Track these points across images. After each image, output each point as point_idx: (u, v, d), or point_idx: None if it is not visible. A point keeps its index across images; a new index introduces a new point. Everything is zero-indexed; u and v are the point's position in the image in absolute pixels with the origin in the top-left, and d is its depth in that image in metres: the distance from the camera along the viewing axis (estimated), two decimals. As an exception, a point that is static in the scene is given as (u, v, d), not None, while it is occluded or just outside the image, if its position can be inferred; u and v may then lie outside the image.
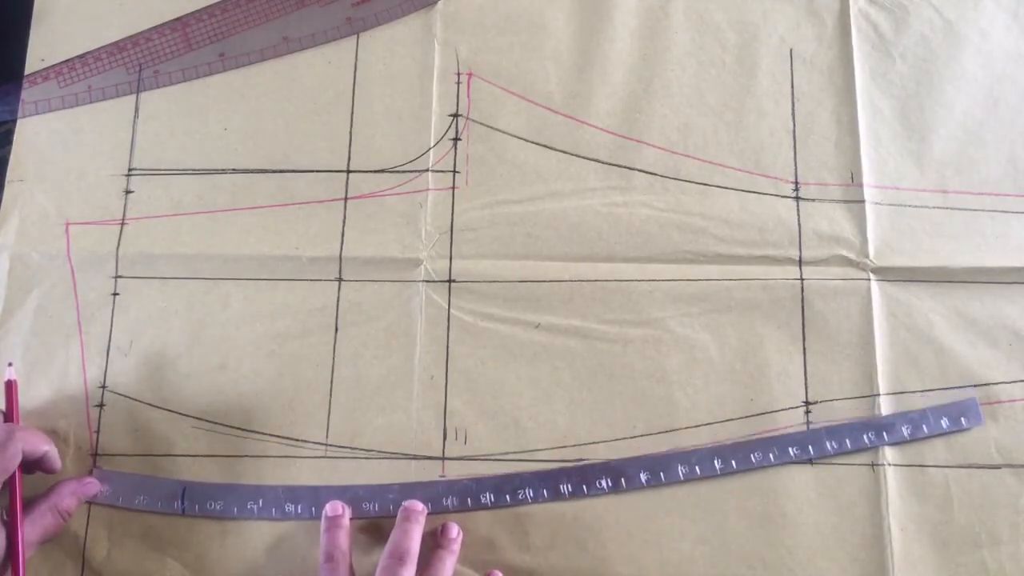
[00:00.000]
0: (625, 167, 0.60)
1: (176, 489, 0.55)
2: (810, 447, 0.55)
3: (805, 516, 0.55)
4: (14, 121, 0.61)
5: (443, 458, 0.56)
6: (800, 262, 0.59)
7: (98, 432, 0.56)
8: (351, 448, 0.56)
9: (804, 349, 0.58)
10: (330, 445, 0.56)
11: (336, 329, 0.58)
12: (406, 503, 0.54)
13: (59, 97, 0.61)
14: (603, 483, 0.55)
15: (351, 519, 0.54)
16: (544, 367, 0.57)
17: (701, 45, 0.62)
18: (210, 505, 0.55)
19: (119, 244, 0.58)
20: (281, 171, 0.60)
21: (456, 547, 0.53)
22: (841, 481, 0.56)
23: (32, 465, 0.53)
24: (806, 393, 0.57)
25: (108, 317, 0.58)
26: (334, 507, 0.54)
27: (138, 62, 0.62)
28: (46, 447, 0.53)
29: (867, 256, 0.58)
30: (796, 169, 0.60)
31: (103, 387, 0.57)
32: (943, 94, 0.61)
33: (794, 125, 0.61)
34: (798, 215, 0.59)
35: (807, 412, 0.57)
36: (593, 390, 0.57)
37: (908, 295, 0.58)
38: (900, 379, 0.57)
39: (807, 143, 0.60)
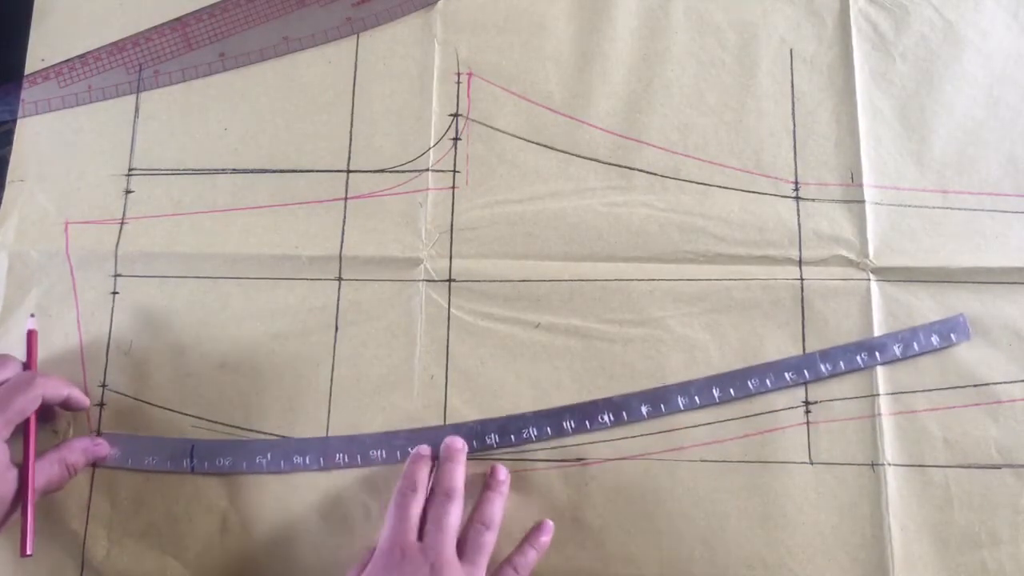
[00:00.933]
0: (625, 167, 0.60)
1: (184, 447, 0.56)
2: (805, 371, 0.56)
3: (805, 516, 0.55)
4: (14, 121, 0.61)
5: (443, 458, 0.56)
6: (800, 262, 0.59)
7: (98, 431, 0.56)
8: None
9: (804, 349, 0.57)
10: (330, 445, 0.56)
11: (336, 328, 0.58)
12: (447, 440, 0.54)
13: (59, 97, 0.61)
14: (605, 418, 0.56)
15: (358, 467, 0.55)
16: (544, 367, 0.57)
17: (701, 45, 0.62)
18: (219, 461, 0.55)
19: (118, 243, 0.58)
20: (281, 171, 0.60)
21: (505, 489, 0.54)
22: (841, 481, 0.55)
23: (59, 407, 0.54)
24: (806, 393, 0.57)
25: (108, 316, 0.58)
26: (423, 447, 0.54)
27: (138, 62, 0.62)
28: (66, 391, 0.54)
29: (867, 256, 0.58)
30: (796, 169, 0.60)
31: (103, 386, 0.57)
32: (943, 94, 0.61)
33: (794, 125, 0.61)
34: (798, 215, 0.59)
35: (807, 412, 0.57)
36: (593, 390, 0.57)
37: (908, 295, 0.58)
38: (900, 379, 0.57)
39: (807, 143, 0.60)
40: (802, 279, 0.58)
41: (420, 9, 0.62)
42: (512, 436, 0.56)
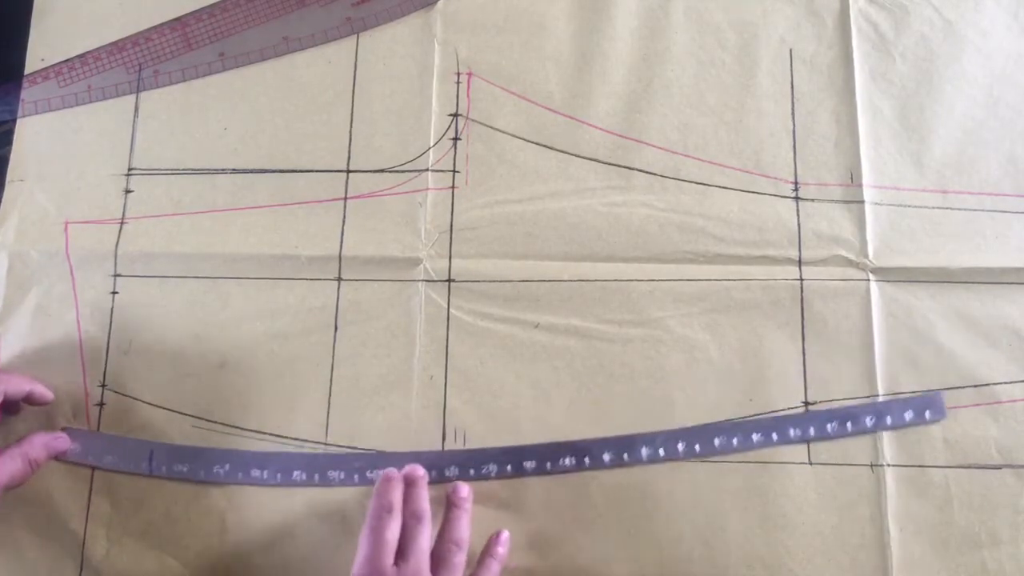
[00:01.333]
0: (625, 167, 0.60)
1: (144, 450, 0.55)
2: (773, 434, 0.56)
3: (805, 516, 0.55)
4: (14, 121, 0.61)
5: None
6: (800, 262, 0.58)
7: (98, 430, 0.56)
8: (350, 447, 0.56)
9: (803, 349, 0.57)
10: (329, 444, 0.56)
11: (335, 328, 0.58)
12: (407, 468, 0.54)
13: (59, 97, 0.61)
14: (567, 461, 0.56)
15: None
16: (543, 367, 0.57)
17: (701, 45, 0.62)
18: (176, 467, 0.55)
19: (118, 243, 0.58)
20: (281, 171, 0.60)
21: (469, 505, 0.53)
22: (841, 481, 0.55)
23: (23, 402, 0.55)
24: (805, 393, 0.57)
25: (107, 316, 0.58)
26: (392, 470, 0.53)
27: (138, 62, 0.62)
28: (28, 387, 0.54)
29: (867, 256, 0.58)
30: (796, 169, 0.60)
31: (103, 386, 0.57)
32: (943, 94, 0.61)
33: (794, 125, 0.61)
34: (798, 215, 0.59)
35: (806, 412, 0.56)
36: (592, 390, 0.57)
37: (908, 295, 0.58)
38: (899, 379, 0.57)
39: (807, 143, 0.60)
40: (802, 279, 0.58)
41: (420, 9, 0.63)
42: (472, 471, 0.55)
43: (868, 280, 0.58)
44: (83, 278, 0.58)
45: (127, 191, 0.60)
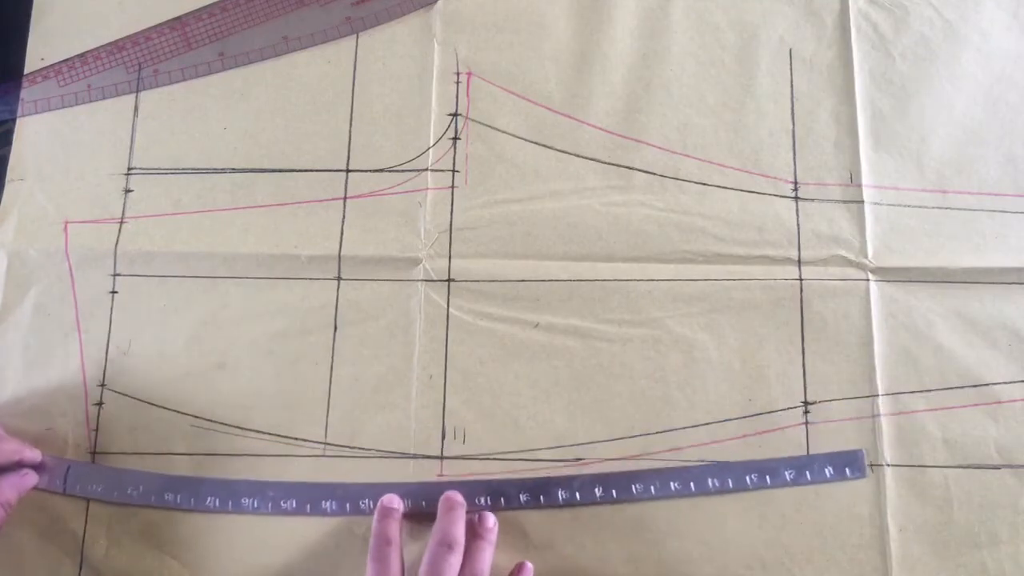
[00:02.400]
0: (624, 167, 0.60)
1: (61, 467, 0.55)
2: (692, 483, 0.55)
3: (804, 516, 0.55)
4: (14, 120, 0.61)
5: (442, 457, 0.56)
6: (799, 262, 0.59)
7: (97, 430, 0.56)
8: (350, 447, 0.56)
9: (803, 349, 0.58)
10: (329, 444, 0.56)
11: (335, 328, 0.58)
12: (447, 493, 0.53)
13: (59, 96, 0.61)
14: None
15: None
16: (543, 366, 0.57)
17: (701, 45, 0.62)
18: (91, 487, 0.55)
19: (117, 242, 0.58)
20: (280, 170, 0.60)
21: (494, 537, 0.53)
22: (840, 481, 0.55)
23: (15, 465, 0.54)
24: (805, 393, 0.57)
25: (107, 315, 0.58)
26: (391, 499, 0.53)
27: (138, 61, 0.62)
28: (18, 455, 0.54)
29: (866, 256, 0.58)
30: (795, 169, 0.60)
31: (102, 385, 0.57)
32: (943, 94, 0.61)
33: (793, 125, 0.61)
34: (797, 215, 0.59)
35: (806, 412, 0.57)
36: (592, 389, 0.57)
37: (907, 295, 0.58)
38: (899, 379, 0.57)
39: (806, 143, 0.60)
40: (801, 279, 0.58)
41: (419, 9, 0.63)
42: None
43: (868, 280, 0.58)
44: (82, 277, 0.58)
45: (127, 191, 0.60)
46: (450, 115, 0.61)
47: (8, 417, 0.56)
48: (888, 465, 0.56)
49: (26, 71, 0.62)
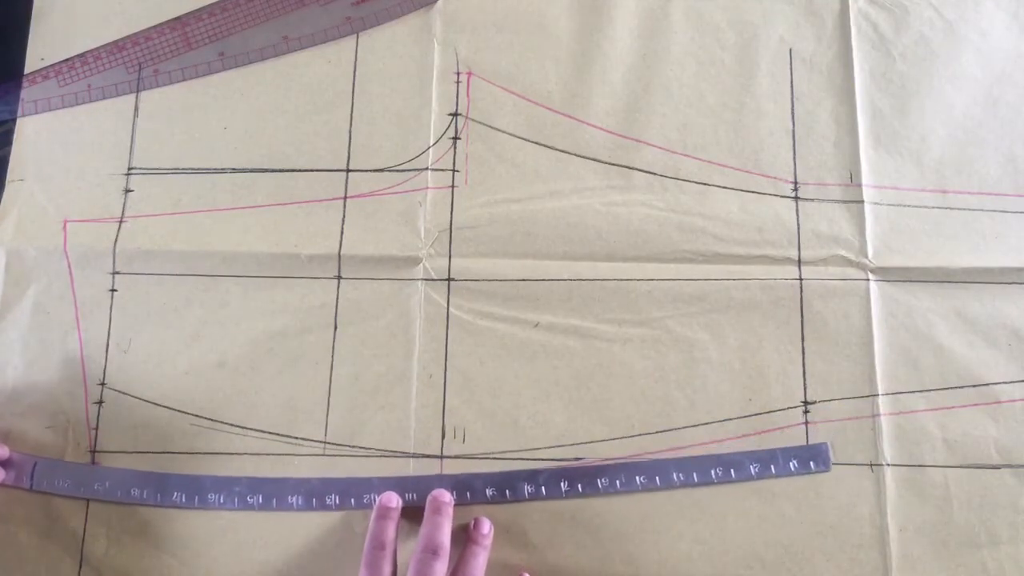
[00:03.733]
0: (624, 166, 0.60)
1: (27, 464, 0.55)
2: (657, 478, 0.55)
3: (804, 516, 0.55)
4: (14, 120, 0.61)
5: (441, 456, 0.56)
6: (799, 262, 0.59)
7: (97, 429, 0.56)
8: (350, 446, 0.56)
9: (803, 349, 0.58)
10: (329, 443, 0.56)
11: (335, 327, 0.58)
12: (434, 493, 0.54)
13: (59, 96, 0.61)
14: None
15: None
16: (543, 366, 0.57)
17: (701, 45, 0.62)
18: (58, 483, 0.55)
19: (116, 240, 0.58)
20: (281, 170, 0.60)
21: (488, 542, 0.53)
22: (840, 481, 0.55)
23: None
24: (805, 393, 0.57)
25: (107, 314, 0.58)
26: (388, 498, 0.53)
27: (138, 61, 0.62)
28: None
29: (866, 256, 0.58)
30: (795, 169, 0.60)
31: (102, 384, 0.57)
32: (943, 94, 0.61)
33: (793, 125, 0.61)
34: (797, 215, 0.59)
35: (806, 412, 0.57)
36: (592, 389, 0.57)
37: (907, 295, 0.58)
38: (899, 379, 0.57)
39: (806, 143, 0.60)
40: (801, 279, 0.58)
41: (419, 9, 0.63)
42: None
43: (868, 280, 0.58)
44: (81, 276, 0.58)
45: (127, 190, 0.60)
46: (450, 115, 0.61)
47: (8, 416, 0.56)
48: (888, 465, 0.56)
49: (26, 71, 0.62)
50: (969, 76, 0.62)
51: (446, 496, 0.54)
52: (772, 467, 0.55)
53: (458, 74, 0.62)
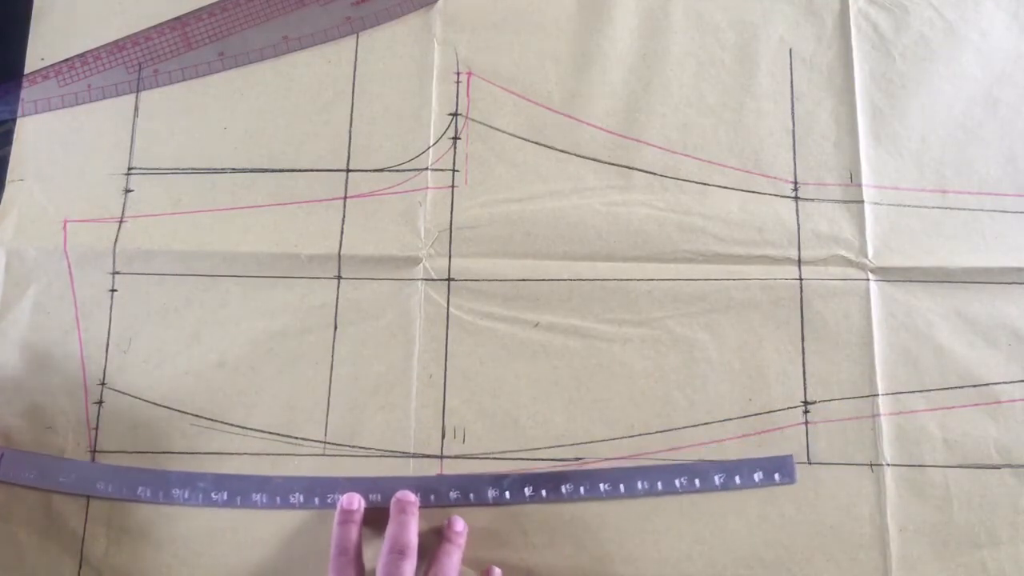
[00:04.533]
0: (624, 166, 0.60)
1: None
2: (621, 486, 0.55)
3: (803, 516, 0.55)
4: (14, 120, 0.61)
5: (441, 456, 0.56)
6: (799, 262, 0.59)
7: (97, 429, 0.56)
8: (350, 446, 0.56)
9: (803, 349, 0.58)
10: (329, 443, 0.56)
11: (335, 327, 0.58)
12: (398, 495, 0.54)
13: (59, 96, 0.61)
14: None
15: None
16: (543, 366, 0.57)
17: (701, 45, 0.62)
18: (24, 474, 0.55)
19: (116, 240, 0.58)
20: (281, 170, 0.60)
21: (462, 541, 0.53)
22: (840, 481, 0.56)
23: None
24: (805, 393, 0.57)
25: (107, 313, 0.58)
26: (350, 500, 0.53)
27: (138, 61, 0.62)
28: None
29: (866, 256, 0.58)
30: (795, 169, 0.60)
31: (102, 384, 0.57)
32: (943, 94, 0.61)
33: (793, 125, 0.61)
34: (797, 215, 0.59)
35: (806, 412, 0.57)
36: (592, 389, 0.57)
37: (907, 295, 0.58)
38: (899, 379, 0.57)
39: (806, 143, 0.60)
40: (801, 279, 0.58)
41: (419, 9, 0.63)
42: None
43: (868, 280, 0.58)
44: (81, 276, 0.58)
45: (127, 190, 0.60)
46: (450, 115, 0.61)
47: (8, 416, 0.56)
48: (888, 465, 0.56)
49: (26, 71, 0.62)
50: (969, 76, 0.62)
51: (411, 496, 0.53)
52: (737, 478, 0.55)
53: (458, 74, 0.62)
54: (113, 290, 0.58)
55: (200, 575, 0.54)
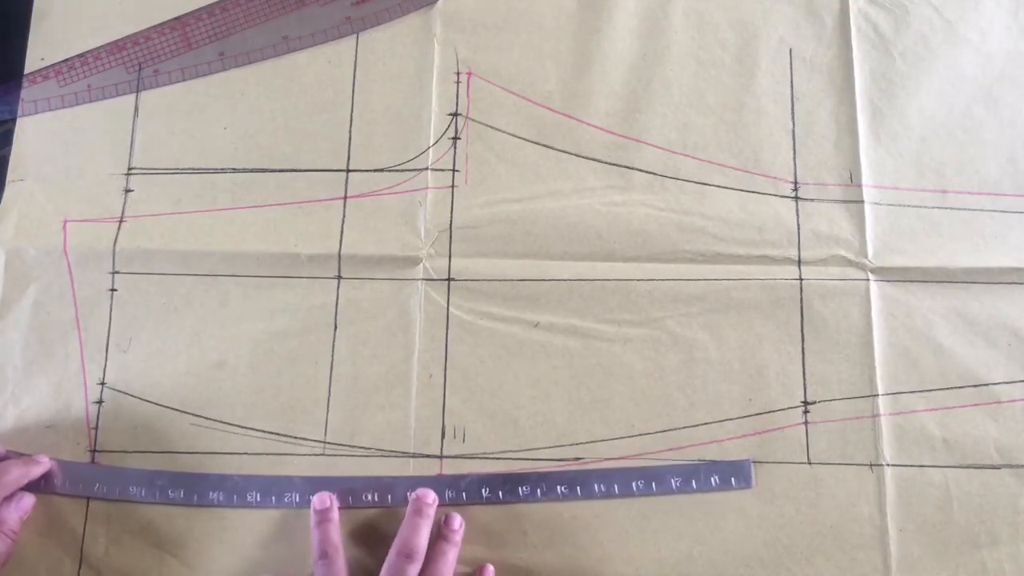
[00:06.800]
0: (624, 166, 0.60)
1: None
2: (578, 488, 0.55)
3: (803, 516, 0.55)
4: (14, 120, 0.61)
5: (441, 456, 0.56)
6: (799, 262, 0.59)
7: (97, 429, 0.56)
8: (349, 446, 0.56)
9: (803, 349, 0.58)
10: (328, 443, 0.56)
11: (335, 327, 0.58)
12: (418, 492, 0.53)
13: (59, 96, 0.61)
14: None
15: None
16: (543, 366, 0.57)
17: (701, 45, 0.62)
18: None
19: (116, 240, 0.58)
20: (280, 170, 0.60)
21: (458, 538, 0.53)
22: (840, 481, 0.55)
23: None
24: (805, 393, 0.57)
25: (106, 313, 0.58)
26: (322, 500, 0.53)
27: (138, 61, 0.62)
28: (25, 478, 0.53)
29: (866, 256, 0.58)
30: (795, 169, 0.60)
31: (102, 383, 0.57)
32: (943, 94, 0.61)
33: (793, 125, 0.61)
34: (797, 215, 0.59)
35: (806, 412, 0.57)
36: (592, 389, 0.57)
37: (907, 295, 0.58)
38: (899, 379, 0.57)
39: (806, 143, 0.60)
40: (801, 279, 0.58)
41: (419, 9, 0.63)
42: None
43: (868, 280, 0.58)
44: (81, 275, 0.58)
45: (127, 190, 0.60)
46: (450, 115, 0.61)
47: (8, 416, 0.56)
48: (888, 465, 0.56)
49: (26, 71, 0.62)
50: (969, 76, 0.62)
51: (430, 497, 0.53)
52: (693, 482, 0.55)
53: (458, 74, 0.62)
54: (113, 290, 0.58)
55: (200, 575, 0.54)
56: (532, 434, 0.56)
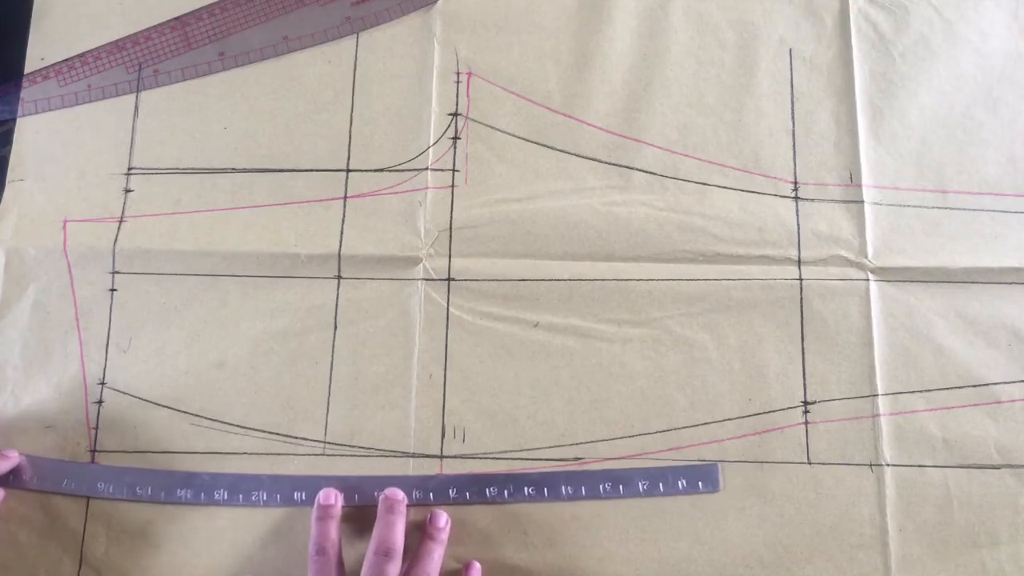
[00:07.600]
0: (624, 166, 0.60)
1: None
2: (545, 489, 0.55)
3: (803, 516, 0.55)
4: (14, 120, 0.61)
5: (441, 456, 0.56)
6: (799, 262, 0.59)
7: (97, 429, 0.56)
8: (349, 446, 0.56)
9: (803, 349, 0.58)
10: (328, 443, 0.56)
11: (335, 327, 0.58)
12: (386, 492, 0.53)
13: (59, 96, 0.61)
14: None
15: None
16: (543, 366, 0.57)
17: (701, 45, 0.62)
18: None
19: (116, 240, 0.58)
20: (280, 170, 0.60)
21: (444, 536, 0.53)
22: (840, 481, 0.55)
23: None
24: (805, 393, 0.57)
25: (106, 313, 0.58)
26: (327, 495, 0.53)
27: (138, 61, 0.62)
28: (4, 466, 0.54)
29: (866, 256, 0.58)
30: (795, 169, 0.60)
31: (102, 383, 0.57)
32: (943, 94, 0.61)
33: (793, 125, 0.61)
34: (797, 215, 0.59)
35: (806, 412, 0.57)
36: (592, 389, 0.57)
37: (907, 295, 0.58)
38: (899, 379, 0.57)
39: (806, 143, 0.60)
40: (801, 279, 0.58)
41: (419, 9, 0.63)
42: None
43: (868, 280, 0.58)
44: (81, 275, 0.58)
45: (127, 190, 0.60)
46: (450, 115, 0.61)
47: (8, 416, 0.56)
48: (888, 465, 0.56)
49: (26, 71, 0.62)
50: (969, 76, 0.62)
51: (399, 494, 0.53)
52: (661, 485, 0.55)
53: (458, 74, 0.62)
54: (113, 290, 0.58)
55: (200, 575, 0.54)
56: (532, 434, 0.56)
